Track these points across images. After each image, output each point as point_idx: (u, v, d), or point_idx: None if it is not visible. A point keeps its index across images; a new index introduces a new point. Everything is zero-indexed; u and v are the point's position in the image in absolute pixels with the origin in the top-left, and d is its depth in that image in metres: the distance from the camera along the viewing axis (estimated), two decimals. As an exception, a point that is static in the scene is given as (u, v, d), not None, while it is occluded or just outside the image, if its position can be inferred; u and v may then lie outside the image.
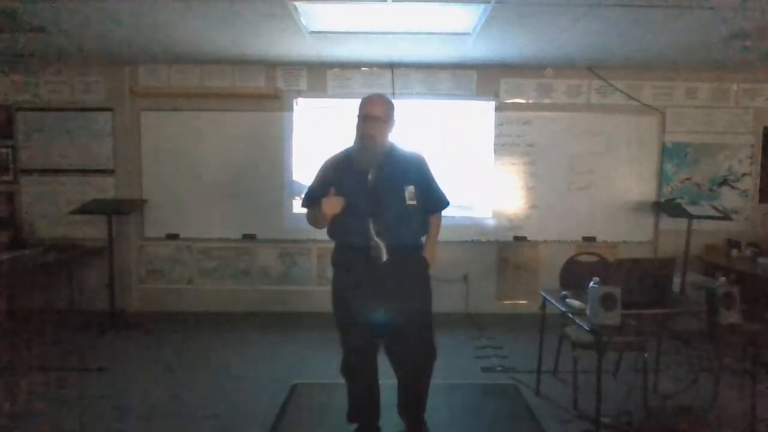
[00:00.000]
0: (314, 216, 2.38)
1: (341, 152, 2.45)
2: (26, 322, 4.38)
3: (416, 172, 2.40)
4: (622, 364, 3.41)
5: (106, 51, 4.24)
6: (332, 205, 2.24)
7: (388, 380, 2.52)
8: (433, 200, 2.46)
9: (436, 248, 2.52)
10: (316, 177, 2.45)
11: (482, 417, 2.96)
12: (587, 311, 2.60)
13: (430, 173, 2.48)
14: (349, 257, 2.34)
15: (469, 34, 3.71)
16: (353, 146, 2.38)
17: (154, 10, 3.21)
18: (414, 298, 2.36)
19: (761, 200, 4.90)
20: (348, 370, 2.48)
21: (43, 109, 4.73)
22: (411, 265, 2.38)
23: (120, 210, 4.55)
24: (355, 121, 2.36)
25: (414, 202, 2.32)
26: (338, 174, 2.34)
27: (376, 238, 2.24)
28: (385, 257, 2.25)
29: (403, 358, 2.42)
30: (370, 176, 2.30)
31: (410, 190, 2.31)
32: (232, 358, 3.80)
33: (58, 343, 4.00)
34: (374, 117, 2.29)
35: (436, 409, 2.74)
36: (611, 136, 4.80)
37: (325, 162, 2.46)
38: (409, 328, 2.35)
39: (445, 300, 2.23)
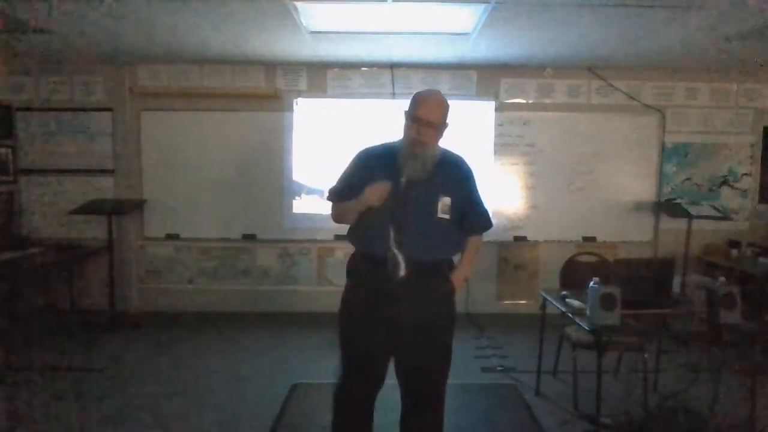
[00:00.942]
0: (344, 208, 2.09)
1: (380, 146, 2.15)
2: (26, 322, 4.38)
3: (458, 183, 2.12)
4: (622, 364, 3.41)
5: (106, 51, 4.24)
6: (375, 191, 1.94)
7: (390, 380, 2.51)
8: (474, 219, 2.17)
9: (469, 272, 2.24)
10: (346, 170, 2.16)
11: (482, 417, 2.96)
12: (587, 311, 2.60)
13: (475, 187, 2.19)
14: (365, 267, 2.06)
15: (469, 34, 3.71)
16: (397, 144, 2.08)
17: (153, 10, 3.21)
18: (430, 327, 2.04)
19: (761, 200, 4.90)
20: (342, 398, 2.14)
21: (43, 109, 4.73)
22: (432, 287, 2.05)
23: (120, 210, 4.55)
24: (405, 118, 2.05)
25: (447, 216, 2.03)
26: (370, 170, 2.05)
27: (394, 249, 1.97)
28: (402, 272, 1.97)
29: (403, 395, 2.11)
30: (403, 178, 2.00)
31: (445, 201, 2.02)
32: (232, 358, 3.80)
33: (58, 343, 4.01)
34: (429, 122, 1.99)
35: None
36: (611, 136, 4.80)
37: (360, 153, 2.16)
38: (418, 368, 2.05)
39: (447, 300, 2.18)
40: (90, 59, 4.52)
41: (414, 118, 2.00)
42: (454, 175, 2.12)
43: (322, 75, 4.75)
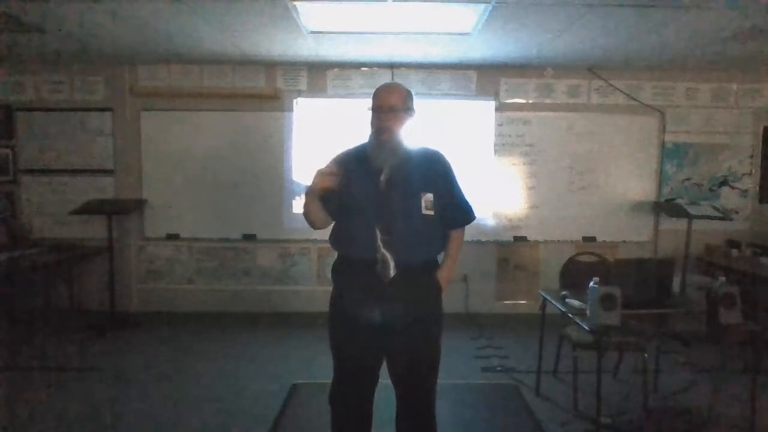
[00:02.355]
0: (305, 206, 2.02)
1: (353, 148, 2.12)
2: (26, 322, 4.38)
3: (438, 177, 2.07)
4: (622, 364, 3.41)
5: (106, 51, 4.24)
6: (324, 176, 1.88)
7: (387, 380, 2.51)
8: (455, 212, 2.11)
9: (454, 270, 2.16)
10: None
11: (482, 417, 2.96)
12: (587, 311, 2.60)
13: (455, 178, 2.12)
14: (352, 271, 2.02)
15: (469, 34, 3.71)
16: (367, 142, 2.07)
17: (154, 10, 3.21)
18: (420, 327, 2.02)
19: (761, 200, 4.90)
20: (338, 399, 2.13)
21: (43, 109, 4.73)
22: (421, 289, 2.03)
23: (120, 210, 4.55)
24: (369, 115, 2.03)
25: (431, 213, 1.99)
26: (346, 173, 2.00)
27: (383, 250, 1.93)
28: (392, 273, 1.94)
29: (398, 394, 2.11)
30: (382, 177, 1.98)
31: (428, 197, 1.99)
32: (232, 358, 3.80)
33: (58, 343, 4.01)
34: (390, 107, 1.97)
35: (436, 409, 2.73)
36: (611, 136, 4.80)
37: (334, 158, 2.12)
38: (411, 367, 2.04)
39: (445, 300, 2.17)
40: (90, 59, 4.52)
41: (374, 108, 1.99)
42: (434, 170, 2.07)
43: (322, 75, 4.76)
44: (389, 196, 1.97)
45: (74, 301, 4.74)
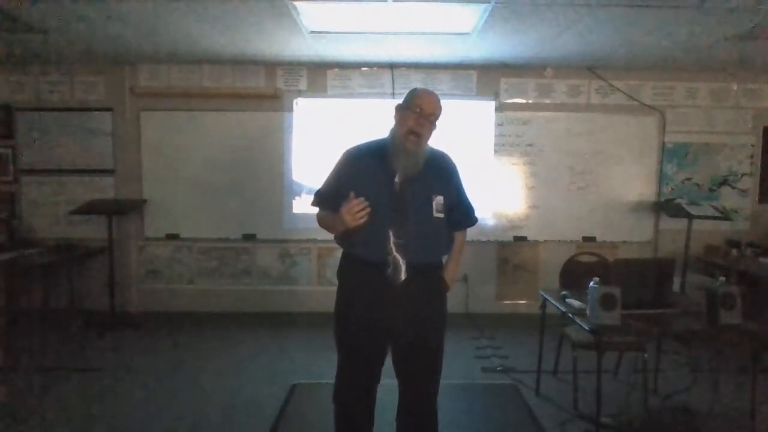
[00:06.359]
0: (329, 221, 2.00)
1: (367, 144, 2.09)
2: (26, 322, 4.38)
3: (448, 180, 2.09)
4: (622, 364, 3.41)
5: (106, 51, 4.24)
6: (354, 214, 1.83)
7: (390, 380, 2.51)
8: (462, 214, 2.15)
9: (458, 270, 2.21)
10: (333, 171, 2.09)
11: (482, 417, 2.96)
12: (587, 311, 2.60)
13: (461, 182, 2.15)
14: (360, 271, 2.00)
15: (469, 34, 3.71)
16: (385, 140, 2.04)
17: (154, 10, 3.21)
18: (426, 327, 2.03)
19: (761, 200, 4.90)
20: (343, 396, 2.13)
21: (43, 109, 4.73)
22: (430, 290, 2.04)
23: (120, 210, 4.55)
24: (401, 113, 2.02)
25: (441, 215, 2.00)
26: (360, 170, 1.99)
27: (395, 253, 1.93)
28: (403, 276, 1.94)
29: (402, 392, 2.13)
30: (397, 178, 1.96)
31: (439, 200, 1.99)
32: (233, 358, 3.80)
33: (58, 343, 4.00)
34: (433, 114, 1.99)
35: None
36: (611, 136, 4.80)
37: (345, 153, 2.08)
38: (417, 367, 2.07)
39: (445, 300, 2.18)
40: (90, 59, 4.52)
41: (415, 108, 1.97)
42: (443, 172, 2.09)
43: (322, 75, 4.76)
44: (404, 198, 1.96)
45: (74, 301, 4.74)
